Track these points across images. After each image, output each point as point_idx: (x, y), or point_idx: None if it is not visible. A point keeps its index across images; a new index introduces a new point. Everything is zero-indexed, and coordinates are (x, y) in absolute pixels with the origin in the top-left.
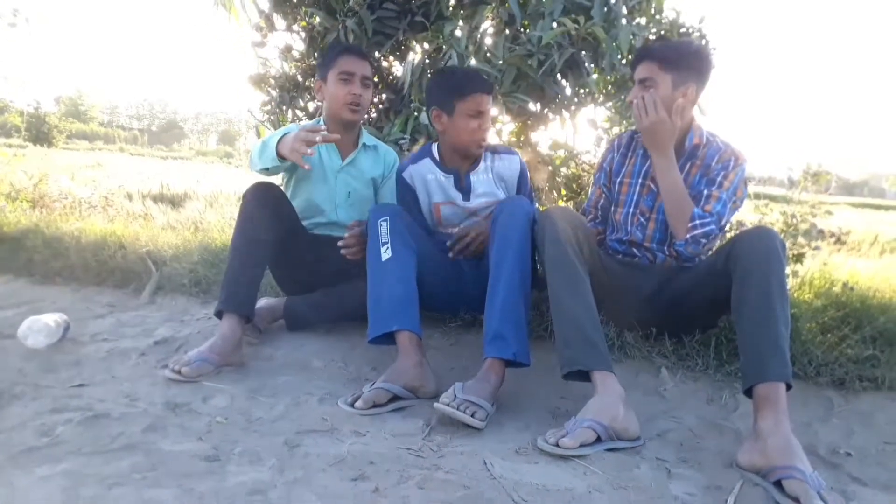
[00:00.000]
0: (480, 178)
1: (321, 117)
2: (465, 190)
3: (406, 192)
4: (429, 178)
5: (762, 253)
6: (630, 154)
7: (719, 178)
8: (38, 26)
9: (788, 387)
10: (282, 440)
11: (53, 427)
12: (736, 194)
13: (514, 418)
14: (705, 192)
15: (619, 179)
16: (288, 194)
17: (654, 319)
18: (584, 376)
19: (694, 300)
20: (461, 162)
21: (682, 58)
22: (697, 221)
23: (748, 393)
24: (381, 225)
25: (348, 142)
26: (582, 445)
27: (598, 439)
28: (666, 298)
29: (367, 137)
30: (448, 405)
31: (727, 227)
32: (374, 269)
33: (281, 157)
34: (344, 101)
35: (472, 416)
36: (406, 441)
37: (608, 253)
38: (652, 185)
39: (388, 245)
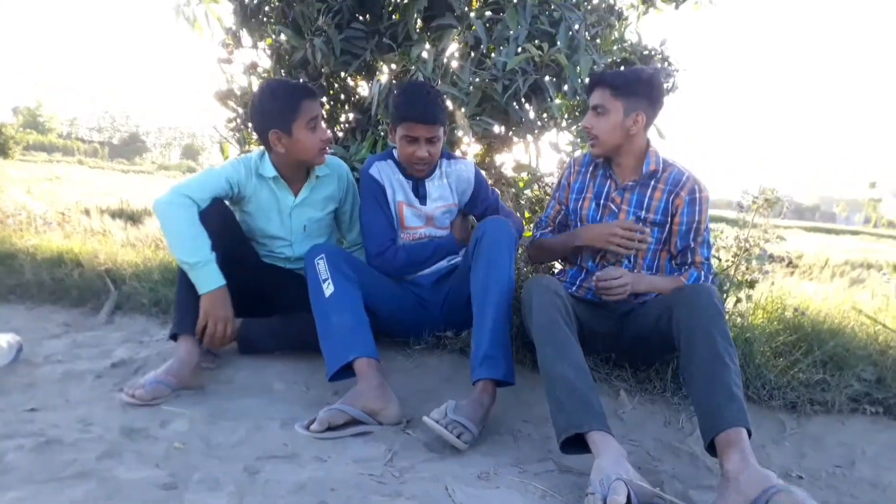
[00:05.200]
0: (435, 184)
1: (267, 157)
2: (421, 196)
3: (375, 187)
4: (392, 177)
5: (701, 310)
6: (590, 174)
7: (695, 225)
8: None
9: (749, 434)
10: (241, 466)
11: (3, 454)
12: (709, 228)
13: (476, 442)
14: (691, 244)
15: (579, 196)
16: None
17: (617, 355)
18: (582, 446)
19: (652, 342)
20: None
21: (633, 85)
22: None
23: (711, 450)
24: (318, 263)
25: (299, 176)
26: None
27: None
28: (627, 337)
29: (318, 168)
30: (437, 422)
31: None
32: (319, 307)
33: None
34: (318, 149)
35: (459, 437)
36: (368, 467)
37: (573, 293)
38: (612, 206)
39: (329, 280)
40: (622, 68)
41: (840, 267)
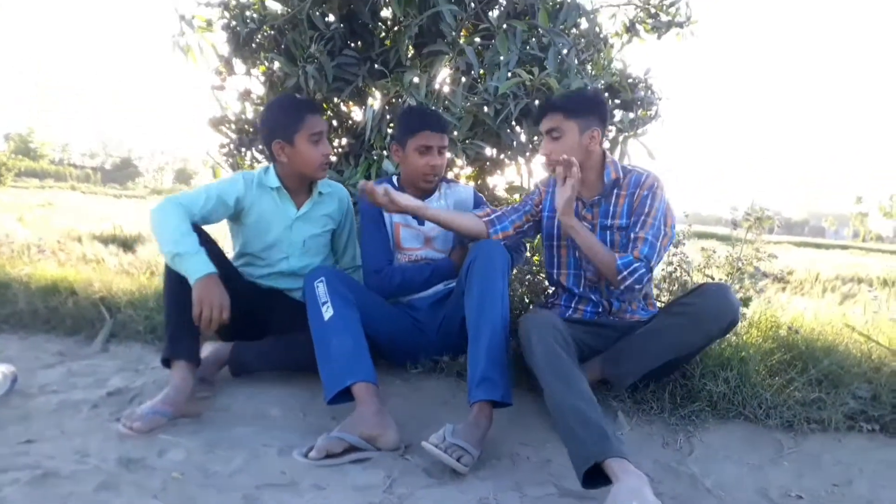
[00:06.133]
0: (433, 205)
1: (272, 168)
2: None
3: (372, 209)
4: None
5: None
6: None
7: (643, 217)
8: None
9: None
10: (240, 495)
11: None
12: (665, 224)
13: (475, 466)
14: (632, 234)
15: (552, 215)
16: (235, 243)
17: None
18: (604, 477)
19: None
20: (416, 192)
21: (583, 105)
22: (625, 272)
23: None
24: (317, 286)
25: (302, 190)
26: None
27: None
28: None
29: (322, 184)
30: (436, 447)
31: (668, 258)
32: (318, 330)
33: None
34: (319, 163)
35: (458, 460)
36: (367, 494)
37: (571, 318)
38: (584, 223)
39: (329, 304)
40: (606, 95)
41: (831, 282)
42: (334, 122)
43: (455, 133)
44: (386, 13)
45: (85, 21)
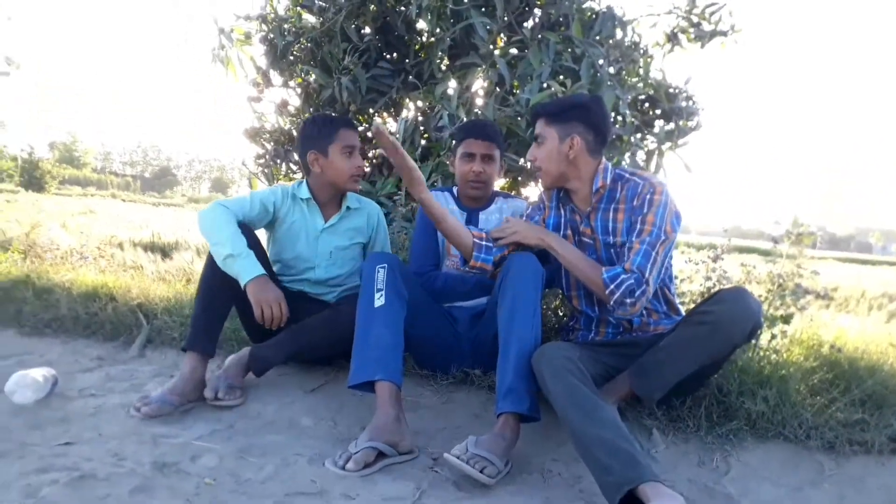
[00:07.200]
0: (490, 218)
1: (304, 182)
2: (474, 225)
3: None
4: (446, 205)
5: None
6: (561, 210)
7: (638, 225)
8: (34, 73)
9: (638, 400)
10: (271, 503)
11: (39, 488)
12: (663, 233)
13: (505, 481)
14: (629, 242)
15: (556, 232)
16: (270, 250)
17: None
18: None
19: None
20: (468, 201)
21: (566, 111)
22: (612, 286)
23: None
24: (378, 271)
25: (332, 204)
26: None
27: None
28: None
29: (351, 200)
30: (458, 458)
31: (670, 272)
32: (364, 313)
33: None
34: (350, 174)
35: (482, 471)
36: None
37: (594, 341)
38: (586, 239)
39: (383, 292)
40: (646, 105)
41: (877, 299)
42: (369, 134)
43: None
44: (421, 25)
45: (85, 21)
